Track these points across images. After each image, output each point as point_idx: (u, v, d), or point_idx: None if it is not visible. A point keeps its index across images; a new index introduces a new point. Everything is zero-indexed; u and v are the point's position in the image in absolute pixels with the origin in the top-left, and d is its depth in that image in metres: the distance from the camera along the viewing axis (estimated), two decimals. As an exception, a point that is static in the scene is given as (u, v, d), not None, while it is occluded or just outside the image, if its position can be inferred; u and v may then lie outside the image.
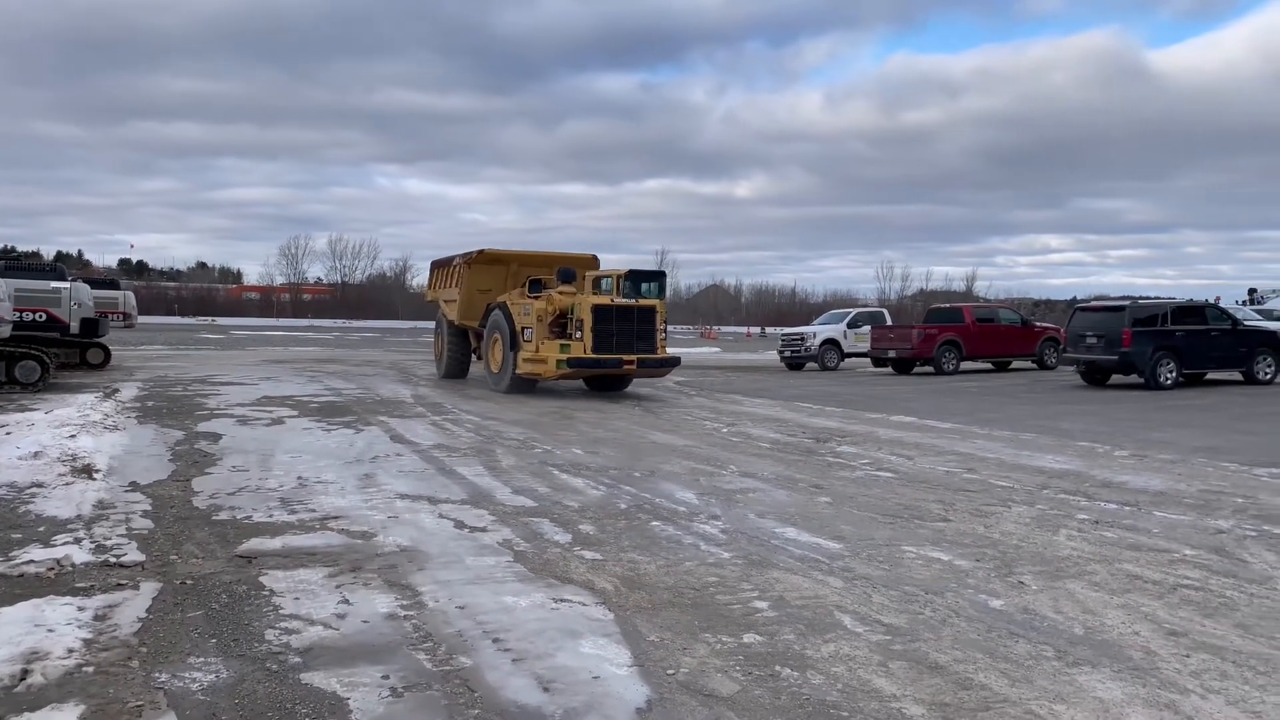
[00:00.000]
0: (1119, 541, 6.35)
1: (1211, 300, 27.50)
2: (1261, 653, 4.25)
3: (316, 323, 68.91)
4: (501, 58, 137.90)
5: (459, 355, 20.20)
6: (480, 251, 19.01)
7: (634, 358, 15.96)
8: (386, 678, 3.83)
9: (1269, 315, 32.68)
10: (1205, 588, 5.28)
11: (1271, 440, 11.76)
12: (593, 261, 19.24)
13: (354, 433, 11.16)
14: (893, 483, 8.48)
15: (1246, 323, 23.61)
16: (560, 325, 16.27)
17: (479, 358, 19.06)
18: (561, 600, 4.87)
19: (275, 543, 5.96)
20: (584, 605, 4.80)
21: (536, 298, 16.57)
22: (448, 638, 4.31)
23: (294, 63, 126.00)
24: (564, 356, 15.60)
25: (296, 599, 4.82)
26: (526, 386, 16.68)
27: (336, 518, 6.67)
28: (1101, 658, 4.16)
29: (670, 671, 3.94)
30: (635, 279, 17.24)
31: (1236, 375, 20.42)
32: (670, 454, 10.01)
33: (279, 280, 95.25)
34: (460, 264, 19.30)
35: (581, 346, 15.68)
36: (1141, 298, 22.89)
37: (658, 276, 17.83)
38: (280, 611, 4.63)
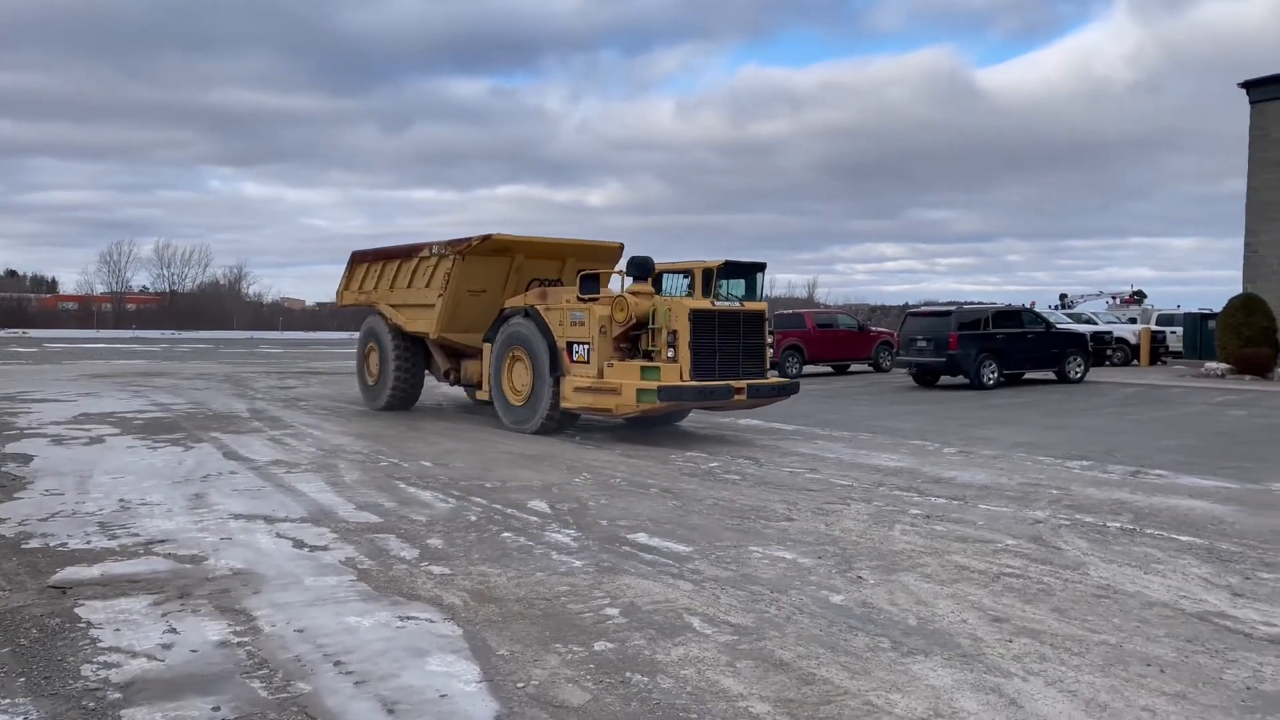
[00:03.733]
0: (948, 534, 6.70)
1: (1028, 305, 29.55)
2: (1076, 635, 4.57)
3: (143, 333, 64.83)
4: (347, 57, 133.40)
5: (411, 379, 15.35)
6: (487, 237, 13.65)
7: (743, 384, 11.53)
8: (217, 709, 3.62)
9: (1078, 318, 35.37)
10: (1025, 575, 5.64)
11: (1081, 435, 12.72)
12: (619, 250, 14.89)
13: (183, 450, 10.54)
14: (740, 484, 8.67)
15: (1059, 326, 25.49)
16: (629, 339, 11.93)
17: (454, 382, 14.90)
18: (408, 618, 4.73)
19: (93, 571, 5.54)
20: (431, 622, 4.68)
21: (594, 299, 11.92)
22: (285, 663, 4.11)
23: (120, 57, 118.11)
24: (650, 384, 11.03)
25: (117, 630, 4.49)
26: (565, 424, 12.43)
27: (163, 541, 6.27)
28: (933, 647, 4.37)
29: (520, 685, 3.89)
30: (731, 274, 12.20)
31: (1051, 374, 21.99)
32: (522, 463, 9.91)
33: (100, 289, 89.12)
34: (446, 254, 14.12)
35: (676, 370, 11.18)
36: (966, 303, 24.36)
37: (758, 270, 12.49)
38: (99, 644, 4.30)
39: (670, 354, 11.31)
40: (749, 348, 11.80)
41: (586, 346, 11.74)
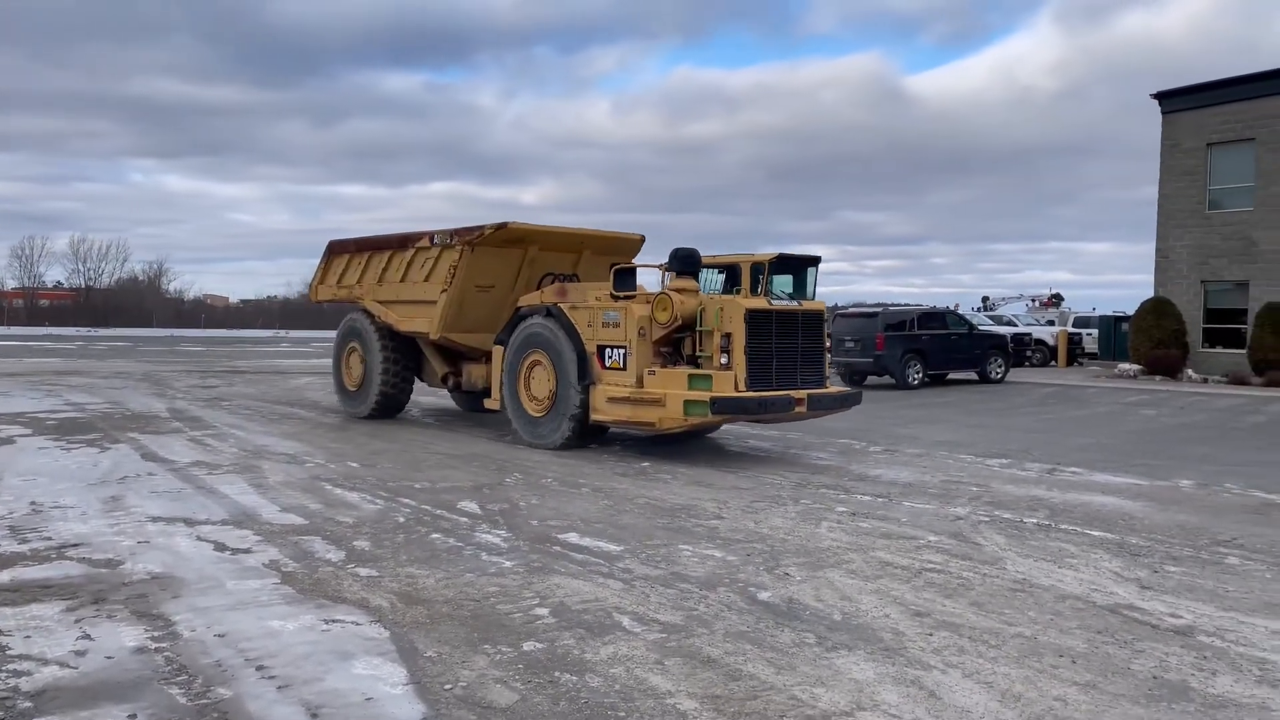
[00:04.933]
0: (873, 531, 6.84)
1: (952, 307, 30.28)
2: (993, 627, 4.71)
3: (56, 331, 62.51)
4: (276, 48, 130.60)
5: (400, 384, 13.88)
6: (502, 225, 12.05)
7: (803, 394, 10.17)
8: (134, 717, 3.53)
9: (1000, 320, 36.37)
10: (946, 570, 5.79)
11: (1001, 433, 13.09)
12: (640, 243, 13.62)
13: (99, 451, 10.21)
14: (671, 483, 8.73)
15: (981, 328, 26.18)
16: (670, 343, 10.58)
17: (454, 388, 13.50)
18: (333, 621, 4.67)
19: (2, 576, 5.34)
20: (358, 625, 4.62)
21: (629, 297, 10.64)
22: (205, 669, 4.02)
23: (34, 43, 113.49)
24: (700, 395, 9.68)
25: (28, 637, 4.34)
26: (592, 436, 11.07)
27: (77, 545, 6.07)
28: (857, 641, 4.46)
29: (448, 687, 3.87)
30: (781, 269, 10.88)
31: (973, 375, 22.57)
32: (453, 464, 9.83)
33: (11, 284, 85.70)
34: (452, 245, 12.48)
35: (730, 378, 9.82)
36: (893, 305, 24.87)
37: (812, 265, 11.14)
38: (8, 652, 4.15)
39: (723, 360, 9.93)
40: (808, 353, 10.45)
41: (622, 351, 10.36)
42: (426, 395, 18.05)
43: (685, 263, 10.68)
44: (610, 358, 10.49)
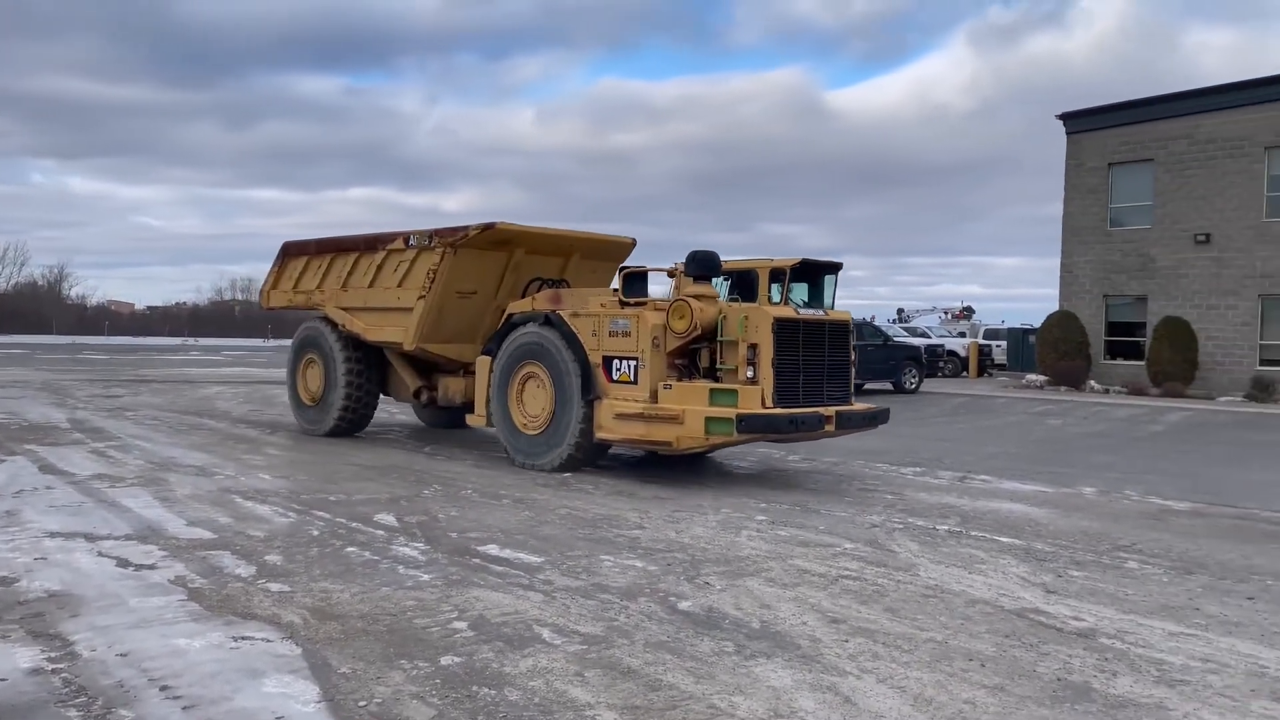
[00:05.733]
0: (791, 539, 6.94)
1: (868, 319, 30.95)
2: (907, 633, 4.81)
3: (-53, 337, 59.55)
4: (186, 47, 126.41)
5: (366, 399, 12.81)
6: (490, 225, 11.08)
7: (832, 411, 9.44)
8: (27, 744, 3.36)
9: (914, 332, 37.29)
10: (861, 577, 5.90)
11: (915, 442, 13.41)
12: (631, 247, 12.65)
13: (-7, 464, 9.74)
14: (594, 494, 8.71)
15: (896, 339, 26.82)
16: (684, 353, 9.70)
17: (427, 403, 12.49)
18: (243, 638, 4.53)
19: (-117, 598, 5.05)
20: (268, 641, 4.49)
21: (639, 303, 9.73)
22: (105, 690, 3.86)
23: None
24: (725, 411, 8.84)
25: (-90, 662, 4.11)
26: (592, 457, 10.07)
27: (-33, 563, 5.77)
28: (775, 649, 4.51)
29: (362, 703, 3.78)
30: (799, 276, 10.33)
31: (888, 385, 23.10)
32: (369, 476, 9.65)
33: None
34: (432, 247, 11.45)
35: (756, 393, 8.99)
36: (812, 316, 25.20)
37: (832, 272, 10.61)
38: (-113, 679, 3.92)
39: (749, 374, 9.10)
40: (834, 366, 9.72)
41: (633, 363, 9.43)
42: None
43: (704, 266, 9.84)
44: (619, 370, 9.56)
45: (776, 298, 9.67)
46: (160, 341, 61.11)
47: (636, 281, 9.95)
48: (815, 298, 10.21)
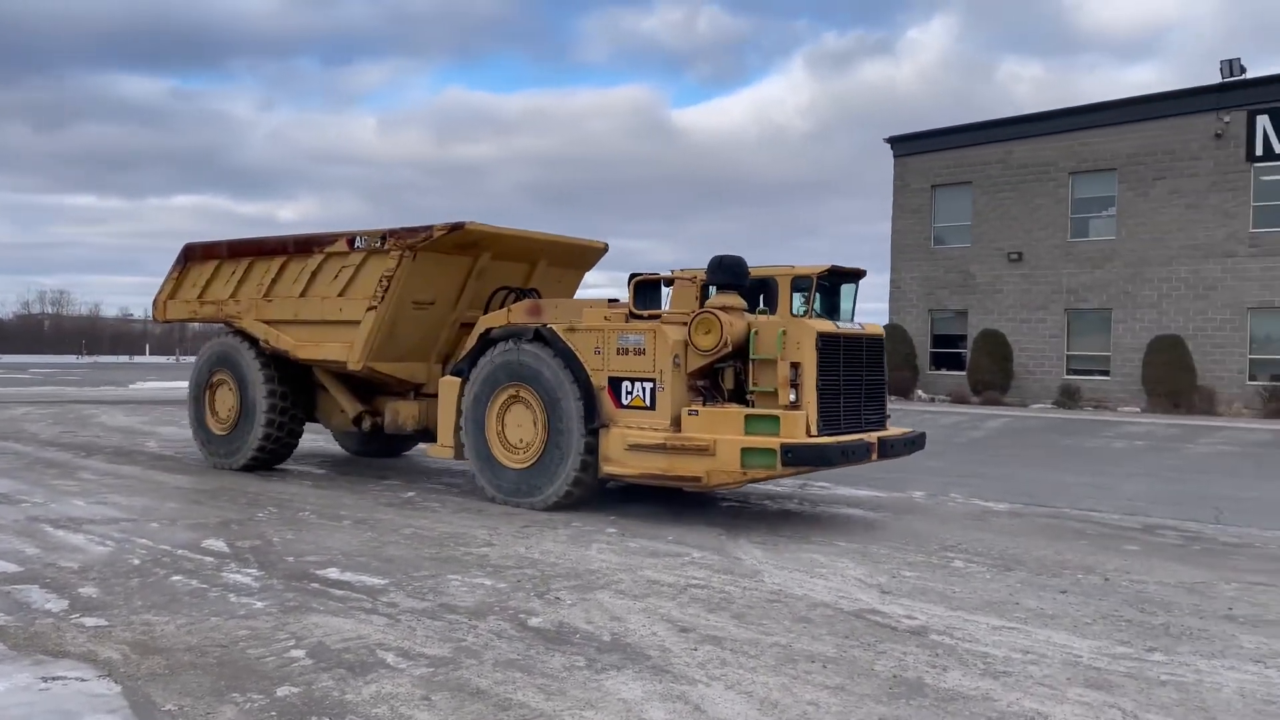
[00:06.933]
0: (641, 550, 6.99)
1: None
2: (753, 638, 4.92)
3: None
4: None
5: (291, 426, 11.08)
6: (458, 226, 9.58)
7: (874, 437, 8.42)
8: None
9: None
10: (709, 585, 6.00)
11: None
12: (602, 252, 11.50)
13: None
14: (440, 512, 8.52)
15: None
16: (706, 374, 8.49)
17: (370, 429, 10.76)
18: (54, 678, 4.17)
19: None
20: (83, 680, 4.15)
21: (653, 315, 8.69)
22: (-112, 747, 3.47)
23: None
24: (765, 440, 7.74)
25: None
26: (592, 495, 8.82)
27: None
28: (626, 661, 4.52)
29: (190, 742, 3.55)
30: (835, 283, 9.10)
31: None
32: (197, 499, 9.10)
33: None
34: (385, 250, 9.88)
35: (801, 419, 7.86)
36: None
37: (855, 280, 9.37)
38: None
39: (792, 397, 7.95)
40: (871, 386, 8.79)
41: (649, 385, 8.23)
42: (166, 425, 16.66)
43: (731, 274, 8.50)
44: (630, 394, 8.33)
45: (797, 310, 8.68)
46: (-44, 358, 55.90)
47: (650, 291, 8.82)
48: (831, 311, 9.05)
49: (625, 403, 8.36)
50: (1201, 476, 12.75)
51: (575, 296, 11.28)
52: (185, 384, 12.49)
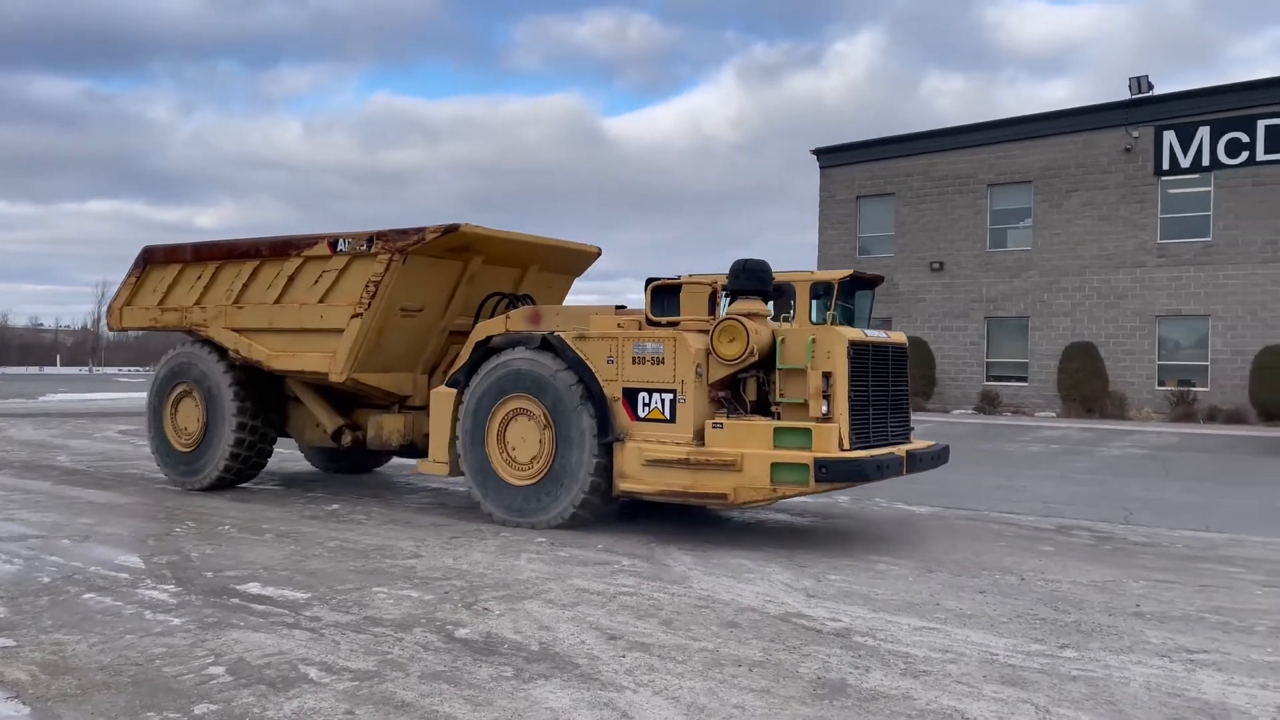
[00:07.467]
0: (570, 559, 6.98)
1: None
2: (681, 644, 4.96)
3: None
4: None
5: (261, 442, 10.41)
6: (453, 228, 9.00)
7: (904, 451, 8.02)
8: None
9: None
10: (638, 593, 6.02)
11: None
12: (595, 256, 10.99)
13: None
14: (366, 524, 8.39)
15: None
16: (728, 384, 8.02)
17: (351, 444, 10.12)
18: (-45, 703, 4.00)
19: None
20: (-13, 705, 4.00)
21: (671, 324, 8.16)
22: None
23: None
24: (797, 455, 7.32)
25: None
26: (604, 513, 8.39)
27: None
28: (554, 670, 4.52)
29: (102, 764, 3.44)
30: (854, 289, 8.80)
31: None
32: (112, 513, 8.81)
33: None
34: (373, 253, 9.29)
35: (833, 433, 7.44)
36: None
37: (873, 285, 9.23)
38: None
39: (823, 410, 7.52)
40: (897, 397, 8.39)
41: (669, 396, 7.81)
42: (78, 438, 16.10)
43: (755, 279, 8.13)
44: (648, 405, 7.89)
45: (816, 317, 8.39)
46: None
47: (667, 296, 8.30)
48: (847, 317, 8.66)
49: (642, 415, 7.94)
50: (1113, 479, 13.23)
51: (564, 303, 10.88)
52: (98, 396, 12.09)
